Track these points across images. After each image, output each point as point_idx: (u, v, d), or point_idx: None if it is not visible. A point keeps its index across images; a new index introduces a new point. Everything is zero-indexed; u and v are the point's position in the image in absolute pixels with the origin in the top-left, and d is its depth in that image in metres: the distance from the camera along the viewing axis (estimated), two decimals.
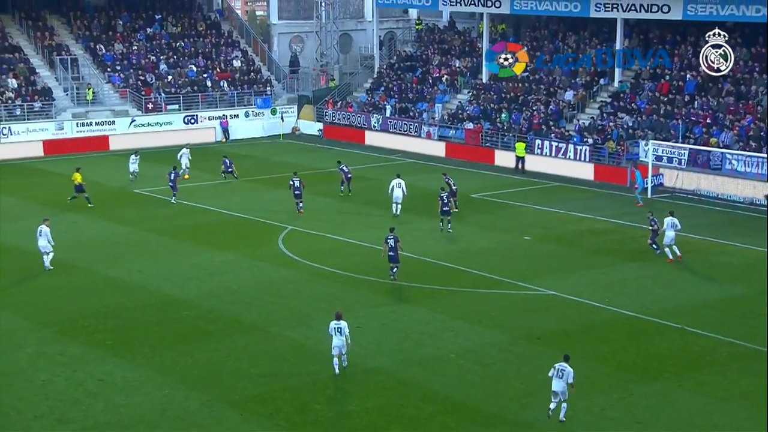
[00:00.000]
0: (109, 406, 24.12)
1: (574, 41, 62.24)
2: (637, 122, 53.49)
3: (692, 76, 54.52)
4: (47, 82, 64.09)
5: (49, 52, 65.98)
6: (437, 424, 23.13)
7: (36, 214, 44.10)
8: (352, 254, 37.45)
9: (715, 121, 50.83)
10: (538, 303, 32.03)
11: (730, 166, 47.46)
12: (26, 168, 55.75)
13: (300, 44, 75.95)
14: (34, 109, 61.59)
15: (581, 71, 59.30)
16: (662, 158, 49.24)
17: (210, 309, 31.28)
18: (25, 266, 35.98)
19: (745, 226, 42.05)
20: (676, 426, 23.12)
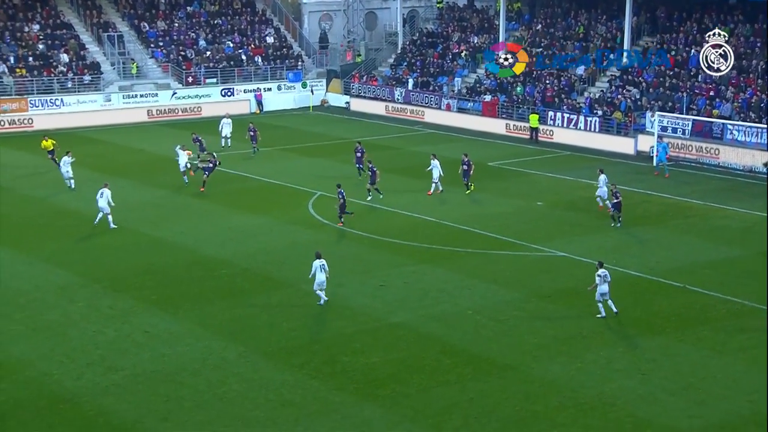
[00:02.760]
0: (155, 355, 24.39)
1: (585, 18, 61.58)
2: (644, 95, 52.99)
3: (696, 51, 53.83)
4: (96, 57, 64.23)
5: (97, 29, 66.08)
6: (455, 375, 23.25)
7: (87, 179, 44.45)
8: (376, 218, 37.50)
9: (717, 93, 50.29)
10: (550, 264, 32.01)
11: (731, 136, 47.02)
12: (77, 137, 56.00)
13: (329, 22, 75.58)
14: (84, 82, 61.82)
15: (592, 47, 58.69)
16: (667, 129, 48.81)
17: (246, 268, 31.47)
18: (78, 227, 36.30)
19: (744, 192, 41.74)
20: (677, 376, 23.11)
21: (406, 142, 54.68)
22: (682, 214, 38.30)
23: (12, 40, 62.76)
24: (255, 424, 20.70)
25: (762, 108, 47.63)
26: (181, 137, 55.58)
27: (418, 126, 59.50)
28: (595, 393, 22.18)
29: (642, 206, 39.40)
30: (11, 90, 59.48)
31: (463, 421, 20.86)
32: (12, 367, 23.62)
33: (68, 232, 35.65)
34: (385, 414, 21.22)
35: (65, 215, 38.08)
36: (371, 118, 62.67)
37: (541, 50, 60.44)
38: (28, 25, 64.19)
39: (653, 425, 20.70)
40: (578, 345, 24.84)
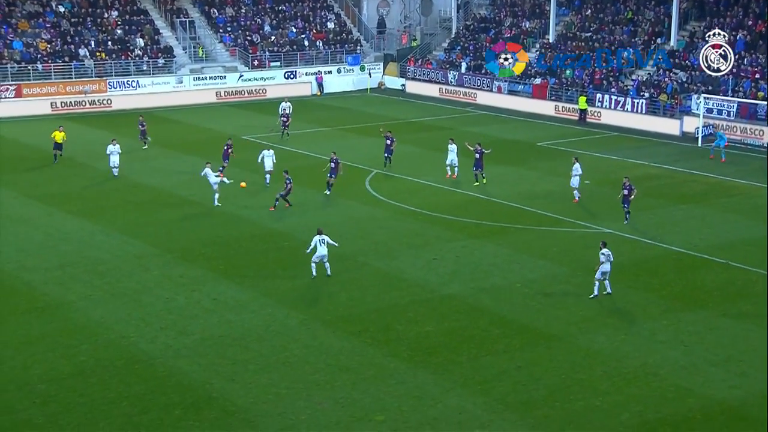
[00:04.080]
0: (222, 321, 24.72)
1: (633, 3, 60.42)
2: (690, 77, 51.93)
3: (743, 35, 52.57)
4: (169, 42, 64.92)
5: (170, 15, 66.73)
6: (503, 344, 23.18)
7: (159, 155, 45.14)
8: (430, 195, 37.42)
9: (762, 76, 49.06)
10: (596, 240, 31.48)
11: None
12: (152, 116, 56.67)
13: (386, 8, 75.29)
14: (158, 65, 62.56)
15: (640, 31, 57.62)
16: (713, 111, 47.83)
17: (306, 240, 31.48)
18: (152, 200, 36.82)
19: None
20: (718, 349, 22.79)
21: (458, 122, 54.38)
22: (726, 193, 37.56)
23: (93, 25, 63.78)
24: (315, 387, 20.89)
25: None
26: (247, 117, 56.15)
27: (470, 107, 59.06)
28: (639, 363, 21.95)
29: (686, 185, 38.73)
30: (92, 72, 60.45)
31: (512, 388, 20.82)
32: (93, 329, 24.13)
33: (142, 206, 36.16)
34: (437, 380, 21.26)
35: (139, 189, 38.62)
36: (425, 100, 62.40)
37: (590, 34, 59.51)
38: (107, 12, 65.14)
39: (695, 394, 20.45)
40: (622, 317, 24.60)
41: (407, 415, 19.64)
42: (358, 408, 19.95)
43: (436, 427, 19.18)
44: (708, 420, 19.37)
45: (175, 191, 38.24)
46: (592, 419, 19.45)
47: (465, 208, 35.20)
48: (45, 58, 59.80)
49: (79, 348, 22.94)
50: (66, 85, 58.97)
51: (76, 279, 27.79)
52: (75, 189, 38.74)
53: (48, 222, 33.86)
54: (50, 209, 35.47)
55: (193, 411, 19.88)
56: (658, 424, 19.19)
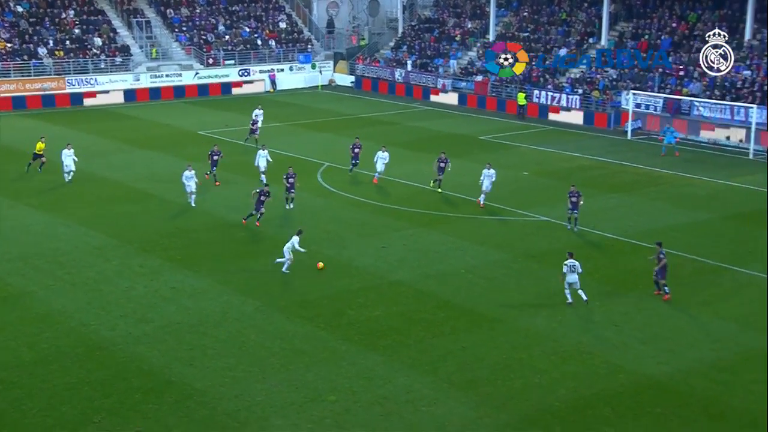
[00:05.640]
0: (180, 308, 24.45)
1: (567, 5, 61.04)
2: (620, 75, 52.64)
3: (667, 35, 53.45)
4: (126, 41, 63.82)
5: (127, 15, 65.61)
6: (449, 327, 23.31)
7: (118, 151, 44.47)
8: (379, 186, 37.40)
9: (686, 73, 49.95)
10: (534, 227, 31.98)
11: (698, 112, 46.77)
12: (109, 113, 55.87)
13: (335, 9, 74.95)
14: (115, 63, 61.48)
15: (573, 32, 58.23)
16: (641, 105, 48.56)
17: (261, 230, 31.45)
18: (112, 193, 36.25)
19: (710, 163, 41.63)
20: (647, 328, 23.18)
21: (405, 118, 54.46)
22: (654, 182, 38.22)
23: (51, 25, 62.42)
24: (270, 370, 20.78)
25: (726, 87, 47.31)
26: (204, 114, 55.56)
27: (416, 103, 59.16)
28: (574, 343, 22.24)
29: (617, 176, 39.29)
30: (50, 70, 59.17)
31: (457, 367, 20.95)
32: (54, 318, 23.69)
33: (102, 199, 35.56)
34: (386, 361, 21.30)
35: (99, 183, 37.97)
36: (374, 96, 62.33)
37: (527, 34, 59.98)
38: (65, 12, 63.81)
39: (625, 371, 20.78)
40: (559, 300, 24.87)
41: (358, 395, 19.66)
42: (312, 389, 19.90)
43: (386, 406, 19.22)
44: (637, 394, 19.69)
45: (133, 185, 37.69)
46: (531, 396, 19.66)
47: (412, 199, 35.27)
48: (4, 56, 58.40)
49: (40, 336, 22.52)
50: (25, 83, 57.65)
51: (38, 269, 27.25)
52: (36, 183, 37.93)
53: (9, 215, 33.13)
54: (12, 202, 34.71)
55: (153, 395, 19.65)
56: (592, 399, 19.46)
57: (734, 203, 34.75)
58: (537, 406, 19.20)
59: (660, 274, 25.24)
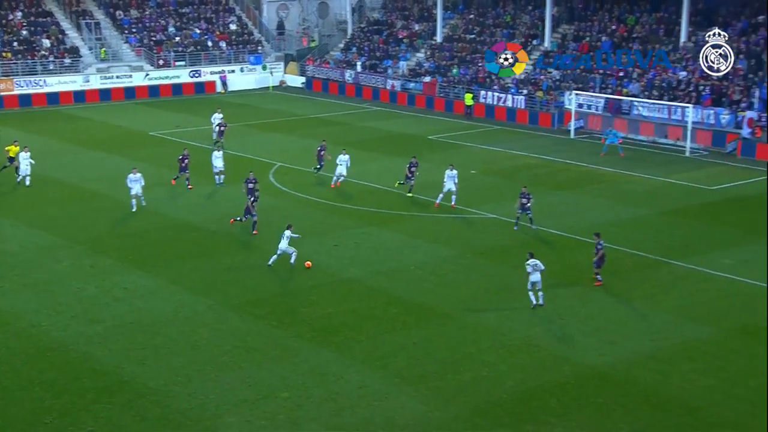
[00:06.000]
0: (132, 308, 24.12)
1: (512, 8, 61.63)
2: (563, 76, 53.31)
3: (607, 37, 54.28)
4: (75, 42, 62.72)
5: (76, 17, 64.45)
6: (400, 323, 23.37)
7: (69, 152, 43.72)
8: (329, 186, 37.29)
9: (626, 74, 50.79)
10: (482, 225, 32.23)
11: (637, 112, 47.59)
12: (60, 114, 54.82)
13: (285, 11, 74.59)
14: (64, 64, 60.37)
15: (518, 33, 58.80)
16: (583, 105, 49.24)
17: (214, 231, 31.19)
18: (61, 194, 35.60)
19: (648, 161, 42.35)
20: (590, 320, 23.51)
21: (355, 118, 54.46)
22: (596, 180, 38.78)
23: None
24: (223, 368, 20.61)
25: (663, 87, 48.23)
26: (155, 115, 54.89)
27: (366, 104, 59.18)
28: (521, 336, 22.46)
29: (561, 174, 39.78)
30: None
31: (407, 362, 21.01)
32: (4, 319, 23.19)
33: (52, 200, 34.91)
34: (338, 357, 21.27)
35: (49, 184, 37.25)
36: (325, 97, 62.19)
37: (474, 36, 60.43)
38: (12, 14, 62.43)
39: (570, 362, 21.06)
40: (507, 295, 25.12)
41: (311, 391, 19.60)
42: (265, 386, 19.80)
43: (338, 401, 19.20)
44: (581, 385, 19.97)
45: (85, 186, 37.09)
46: (480, 388, 19.81)
47: (363, 198, 35.28)
48: None
49: None
50: None
51: None
52: None
53: None
54: None
55: (105, 394, 19.35)
56: (538, 391, 19.68)
57: (672, 200, 35.44)
58: (485, 399, 19.35)
59: (597, 263, 25.79)
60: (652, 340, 22.27)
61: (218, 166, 36.77)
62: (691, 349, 21.65)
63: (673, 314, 23.86)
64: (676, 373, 20.46)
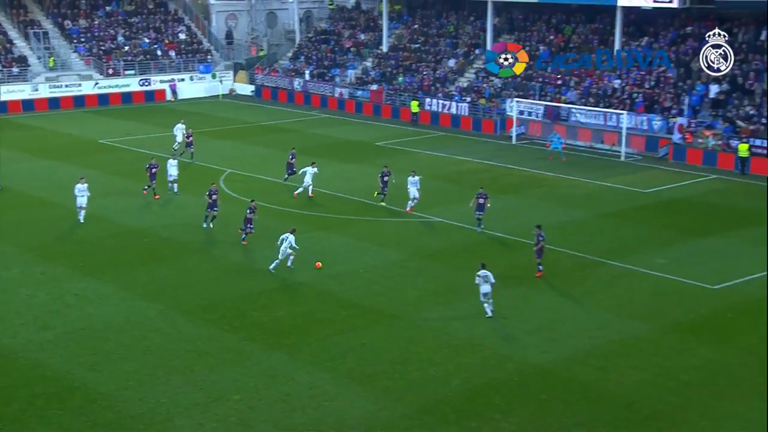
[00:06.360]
0: (83, 314, 23.67)
1: (454, 18, 62.11)
2: (504, 84, 53.87)
3: (545, 46, 55.03)
4: (23, 52, 61.30)
5: (23, 26, 63.01)
6: (349, 325, 23.32)
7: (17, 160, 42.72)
8: (279, 192, 37.13)
9: (564, 82, 51.55)
10: (429, 228, 32.36)
11: (575, 118, 48.32)
12: (8, 122, 53.53)
13: (234, 21, 74.04)
14: (12, 74, 58.97)
15: (461, 43, 59.25)
16: (524, 112, 49.81)
17: (165, 237, 30.78)
18: (11, 202, 34.75)
19: (586, 166, 42.95)
20: (532, 319, 23.75)
21: (305, 125, 54.26)
22: (537, 184, 39.24)
23: None
24: (174, 373, 20.33)
25: (599, 95, 49.06)
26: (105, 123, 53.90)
27: (315, 112, 59.02)
28: (467, 335, 22.60)
29: (504, 178, 40.15)
30: None
31: (357, 363, 20.98)
32: None
33: (1, 207, 34.03)
34: (289, 360, 21.15)
35: None
36: (274, 105, 61.86)
37: (418, 45, 60.75)
38: None
39: (513, 360, 21.26)
40: (453, 296, 25.25)
41: (262, 393, 19.44)
42: (216, 389, 19.57)
43: (289, 403, 19.08)
44: (524, 382, 20.16)
45: (35, 194, 36.30)
46: (428, 387, 19.87)
47: (313, 203, 35.15)
48: None
49: None
50: None
51: None
52: None
53: None
54: None
55: (56, 400, 18.93)
56: (483, 388, 19.81)
57: (609, 202, 36.04)
58: (433, 397, 19.42)
59: (538, 254, 26.38)
60: (591, 337, 22.59)
61: (173, 175, 36.33)
62: (628, 346, 22.02)
63: (610, 312, 24.25)
64: (613, 368, 20.79)
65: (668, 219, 33.45)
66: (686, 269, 27.43)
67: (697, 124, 44.03)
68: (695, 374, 20.40)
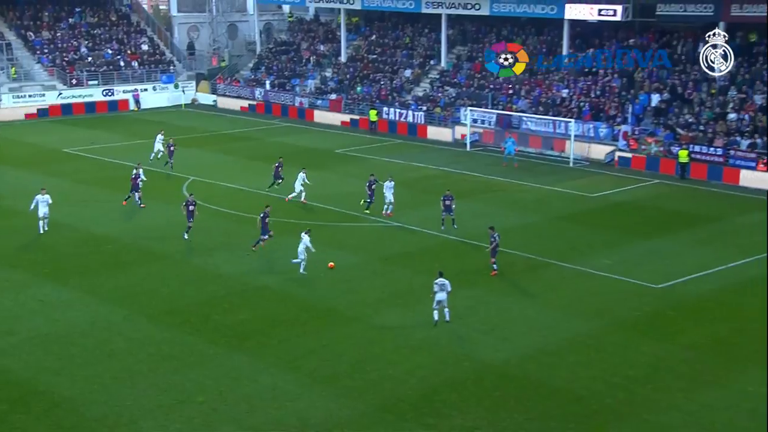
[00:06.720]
0: (48, 320, 23.30)
1: (410, 30, 62.41)
2: (458, 93, 54.26)
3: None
4: None
5: None
6: (309, 327, 23.29)
7: None
8: (241, 198, 36.94)
9: (515, 91, 52.10)
10: (387, 233, 32.44)
11: (526, 126, 48.85)
12: None
13: (196, 32, 73.53)
14: None
15: (416, 54, 59.55)
16: (477, 120, 50.19)
17: (128, 243, 30.41)
18: None
19: (537, 171, 43.39)
20: (487, 319, 23.94)
21: (266, 134, 54.03)
22: (490, 189, 39.55)
23: None
24: (139, 376, 20.11)
25: (548, 104, 49.68)
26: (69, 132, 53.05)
27: (276, 120, 58.78)
28: (423, 336, 22.70)
29: (459, 184, 40.38)
30: None
31: (318, 364, 20.96)
32: None
33: None
34: (252, 361, 21.05)
35: None
36: (236, 114, 61.51)
37: (375, 56, 60.93)
38: None
39: (469, 359, 21.42)
40: (410, 298, 25.34)
41: (225, 395, 19.32)
42: (180, 391, 19.40)
43: (252, 403, 19.00)
44: (479, 379, 20.33)
45: None
46: (386, 386, 19.93)
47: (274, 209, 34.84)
48: None
49: None
50: None
51: None
52: None
53: None
54: None
55: (20, 405, 18.60)
56: (440, 387, 19.93)
57: (558, 206, 36.50)
58: (391, 396, 19.47)
59: (492, 254, 26.95)
60: (542, 335, 22.86)
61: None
62: (576, 343, 22.33)
63: (560, 311, 24.56)
64: (563, 365, 21.06)
65: (614, 222, 34.00)
66: (631, 270, 27.91)
67: (641, 132, 44.84)
68: (640, 370, 20.76)
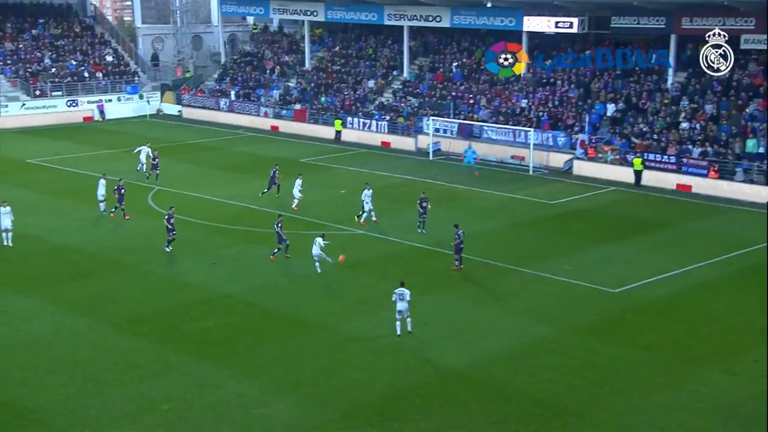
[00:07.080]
0: (11, 331, 22.84)
1: (373, 41, 62.56)
2: (421, 103, 54.48)
3: (458, 68, 55.92)
4: None
5: None
6: (275, 335, 23.13)
7: None
8: (207, 208, 36.62)
9: (476, 101, 52.46)
10: (351, 240, 32.36)
11: (487, 135, 49.19)
12: None
13: (160, 43, 72.88)
14: None
15: (379, 65, 59.70)
16: (439, 130, 50.42)
17: (93, 253, 29.95)
18: None
19: (498, 179, 43.67)
20: (450, 324, 24.00)
21: (231, 143, 53.69)
22: (452, 197, 39.73)
23: None
24: (104, 385, 19.78)
25: (508, 113, 50.11)
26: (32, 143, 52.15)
27: (240, 130, 58.44)
28: (388, 341, 22.68)
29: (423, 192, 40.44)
30: None
31: (283, 371, 20.83)
32: None
33: None
34: (218, 369, 20.84)
35: None
36: (201, 124, 61.02)
37: (339, 67, 60.94)
38: None
39: (433, 363, 21.45)
40: (375, 304, 25.29)
41: (191, 403, 19.10)
42: (146, 400, 19.13)
43: (218, 411, 18.80)
44: (443, 383, 20.36)
45: None
46: (351, 392, 19.86)
47: (239, 218, 34.77)
48: None
49: None
50: None
51: None
52: None
53: None
54: None
55: None
56: (404, 391, 19.91)
57: (518, 213, 36.79)
58: (356, 401, 19.42)
59: (455, 250, 27.59)
60: (504, 340, 22.97)
61: (103, 193, 35.29)
62: (538, 347, 22.48)
63: (522, 316, 24.72)
64: (524, 368, 21.18)
65: (573, 228, 34.35)
66: (589, 274, 28.20)
67: (597, 140, 45.42)
68: (599, 372, 20.97)
